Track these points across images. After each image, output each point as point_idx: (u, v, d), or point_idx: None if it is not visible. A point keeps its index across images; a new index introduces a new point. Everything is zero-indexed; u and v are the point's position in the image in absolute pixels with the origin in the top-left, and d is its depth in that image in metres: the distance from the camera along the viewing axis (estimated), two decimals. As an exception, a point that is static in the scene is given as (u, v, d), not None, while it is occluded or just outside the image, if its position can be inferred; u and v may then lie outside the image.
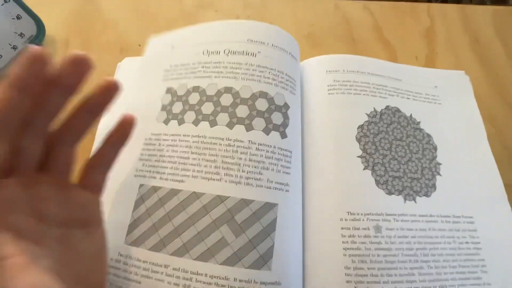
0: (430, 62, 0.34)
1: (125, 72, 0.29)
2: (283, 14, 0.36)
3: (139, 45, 0.32)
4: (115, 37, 0.33)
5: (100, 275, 0.17)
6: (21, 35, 0.29)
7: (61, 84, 0.15)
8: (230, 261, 0.19)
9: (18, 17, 0.29)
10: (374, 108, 0.26)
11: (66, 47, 0.31)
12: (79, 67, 0.15)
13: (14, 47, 0.29)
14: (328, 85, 0.26)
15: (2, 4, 0.27)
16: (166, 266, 0.19)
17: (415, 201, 0.23)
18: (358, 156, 0.24)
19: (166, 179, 0.21)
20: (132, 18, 0.34)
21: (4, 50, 0.28)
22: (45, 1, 0.34)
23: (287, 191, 0.21)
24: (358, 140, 0.25)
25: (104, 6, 0.35)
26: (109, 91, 0.17)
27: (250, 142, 0.22)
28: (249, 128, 0.22)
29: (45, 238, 0.15)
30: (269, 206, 0.20)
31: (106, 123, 0.27)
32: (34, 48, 0.13)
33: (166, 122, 0.24)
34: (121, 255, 0.20)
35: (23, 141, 0.15)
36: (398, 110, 0.27)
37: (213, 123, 0.23)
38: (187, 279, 0.19)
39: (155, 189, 0.21)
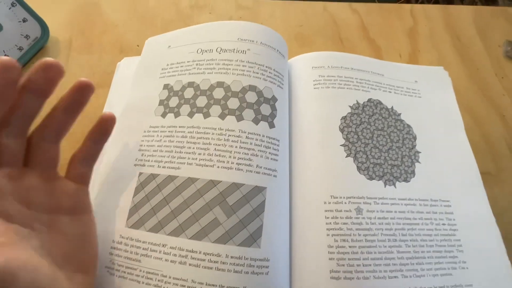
0: (413, 59, 0.36)
1: (124, 70, 0.31)
2: (273, 15, 0.38)
3: (138, 46, 0.34)
4: (115, 38, 0.35)
5: (87, 255, 0.19)
6: (27, 36, 0.31)
7: (33, 89, 0.17)
8: (222, 240, 0.20)
9: (24, 20, 0.31)
10: (356, 101, 0.28)
11: (69, 47, 0.33)
12: (48, 73, 0.17)
13: (20, 48, 0.31)
14: (314, 80, 0.28)
15: (10, 8, 0.29)
16: (163, 245, 0.21)
17: (395, 186, 0.25)
18: (341, 145, 0.26)
19: (164, 167, 0.23)
20: (131, 20, 0.36)
21: (10, 51, 0.30)
22: (50, 5, 0.36)
23: (275, 176, 0.23)
24: (341, 130, 0.27)
25: (105, 9, 0.37)
26: (81, 92, 0.19)
27: (241, 131, 0.23)
28: (239, 118, 0.24)
29: (33, 222, 0.17)
30: (258, 189, 0.22)
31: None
32: (3, 58, 0.15)
33: (164, 115, 0.26)
34: (122, 237, 0.22)
35: (4, 139, 0.16)
36: (379, 103, 0.29)
37: (206, 115, 0.24)
38: (183, 256, 0.20)
39: (153, 176, 0.23)
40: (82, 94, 0.19)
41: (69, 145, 0.28)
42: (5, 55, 0.30)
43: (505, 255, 0.24)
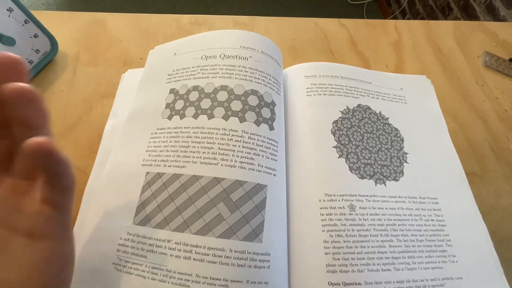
0: (398, 69, 0.39)
1: (128, 81, 0.33)
2: (268, 30, 0.41)
3: (141, 59, 0.36)
4: (120, 52, 0.37)
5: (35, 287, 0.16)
6: (37, 51, 0.33)
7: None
8: (226, 235, 0.21)
9: (35, 36, 0.33)
10: (347, 106, 0.30)
11: (76, 61, 0.35)
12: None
13: (30, 62, 0.33)
14: (307, 88, 0.31)
15: (23, 25, 0.31)
16: (169, 241, 0.22)
17: (385, 185, 0.27)
18: (333, 147, 0.28)
19: (170, 166, 0.24)
20: (135, 35, 0.39)
21: (22, 64, 0.32)
22: (59, 22, 0.38)
23: (274, 175, 0.24)
24: (333, 133, 0.28)
25: (110, 26, 0.39)
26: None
27: (243, 132, 0.25)
28: (242, 120, 0.25)
29: None
30: (260, 187, 0.23)
31: (111, 127, 0.30)
32: None
33: (170, 117, 0.27)
34: (129, 234, 0.23)
35: None
36: (368, 108, 0.31)
37: (210, 116, 0.26)
38: (187, 251, 0.21)
39: (159, 175, 0.24)
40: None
41: (74, 151, 0.29)
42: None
43: (493, 249, 0.26)
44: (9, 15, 0.30)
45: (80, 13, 0.40)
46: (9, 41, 0.30)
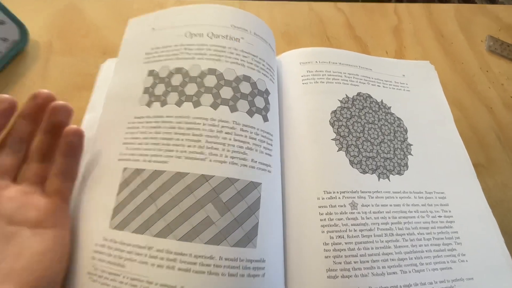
0: (399, 55, 0.36)
1: (108, 72, 0.30)
2: (259, 16, 0.38)
3: (122, 47, 0.33)
4: (98, 41, 0.34)
5: (38, 275, 0.17)
6: (4, 40, 0.30)
7: (25, 115, 0.21)
8: (215, 240, 0.19)
9: (2, 23, 0.29)
10: (346, 95, 0.28)
11: (49, 50, 0.32)
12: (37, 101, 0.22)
13: (-3, 52, 0.30)
14: (302, 76, 0.28)
15: (-15, 10, 0.28)
16: (149, 248, 0.19)
17: (389, 179, 0.25)
18: (332, 139, 0.25)
19: (150, 161, 0.21)
20: (114, 22, 0.35)
21: (-14, 54, 0.29)
22: (29, 7, 0.35)
23: (269, 171, 0.22)
24: (332, 124, 0.26)
25: (87, 12, 0.36)
26: (59, 115, 0.22)
27: (235, 122, 0.22)
28: (233, 109, 0.22)
29: None
30: (254, 185, 0.21)
31: (89, 122, 0.27)
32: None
33: (149, 104, 0.24)
34: (105, 239, 0.20)
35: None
36: (369, 96, 0.29)
37: (196, 104, 0.23)
38: (171, 260, 0.19)
39: (138, 171, 0.21)
40: (59, 116, 0.22)
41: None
42: (-20, 58, 0.28)
43: (504, 246, 0.24)
44: (-32, -1, 0.27)
45: (53, -2, 0.36)
46: (-31, 28, 0.27)
